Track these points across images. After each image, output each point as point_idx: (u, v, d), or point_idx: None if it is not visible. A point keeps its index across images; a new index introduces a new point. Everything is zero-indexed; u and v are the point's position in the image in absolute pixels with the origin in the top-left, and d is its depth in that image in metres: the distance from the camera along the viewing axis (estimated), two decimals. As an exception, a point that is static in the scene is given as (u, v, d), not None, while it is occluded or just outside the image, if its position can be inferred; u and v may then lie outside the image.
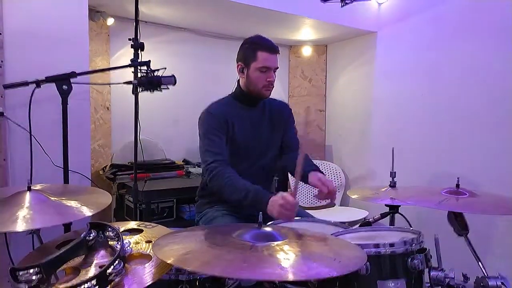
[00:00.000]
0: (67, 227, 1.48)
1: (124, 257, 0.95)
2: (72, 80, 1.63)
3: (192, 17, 2.74)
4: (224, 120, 1.70)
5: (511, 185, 2.14)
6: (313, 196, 1.58)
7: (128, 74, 1.93)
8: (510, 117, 2.18)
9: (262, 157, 1.79)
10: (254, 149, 1.78)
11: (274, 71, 1.72)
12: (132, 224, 1.22)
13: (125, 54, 2.59)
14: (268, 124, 1.84)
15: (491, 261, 1.51)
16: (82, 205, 1.17)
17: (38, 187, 1.31)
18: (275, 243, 0.96)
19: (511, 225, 2.13)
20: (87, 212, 1.13)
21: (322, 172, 1.63)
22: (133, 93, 1.88)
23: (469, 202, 1.46)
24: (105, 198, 1.27)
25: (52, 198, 1.18)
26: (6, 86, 1.59)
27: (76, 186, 1.63)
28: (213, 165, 1.60)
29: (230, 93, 1.84)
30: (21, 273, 0.83)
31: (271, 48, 1.70)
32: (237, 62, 1.76)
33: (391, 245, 1.15)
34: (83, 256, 0.99)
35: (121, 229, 1.13)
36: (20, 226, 1.02)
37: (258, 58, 1.68)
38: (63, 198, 1.21)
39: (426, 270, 1.20)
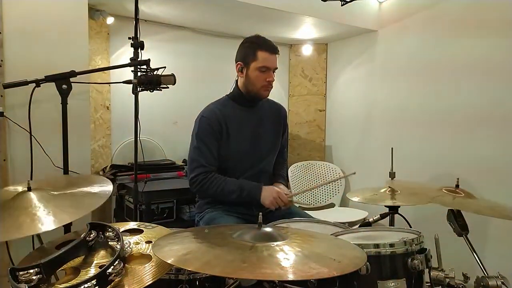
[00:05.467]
0: (67, 227, 1.48)
1: (124, 257, 0.95)
2: (71, 79, 1.62)
3: (192, 15, 2.74)
4: (218, 124, 1.70)
5: (511, 186, 2.14)
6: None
7: (128, 73, 1.92)
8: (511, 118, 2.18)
9: (263, 160, 1.77)
10: (254, 152, 1.76)
11: (273, 72, 1.72)
12: (132, 225, 1.22)
13: (125, 53, 2.58)
14: (269, 126, 1.83)
15: (491, 261, 1.50)
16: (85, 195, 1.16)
17: (37, 184, 1.29)
18: (275, 243, 0.96)
19: (511, 225, 2.12)
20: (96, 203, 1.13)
21: (285, 185, 1.82)
22: (133, 92, 1.87)
23: (464, 202, 1.46)
24: (107, 187, 1.28)
25: (53, 192, 1.18)
26: (6, 86, 1.59)
27: (76, 177, 1.59)
28: (198, 178, 1.66)
29: (227, 93, 1.83)
30: (21, 273, 0.83)
31: (272, 48, 1.70)
32: (236, 62, 1.75)
33: (391, 245, 1.15)
34: (83, 257, 0.99)
35: (121, 230, 1.13)
36: (27, 231, 1.02)
37: (258, 58, 1.68)
38: (66, 192, 1.21)
39: (426, 270, 1.20)
